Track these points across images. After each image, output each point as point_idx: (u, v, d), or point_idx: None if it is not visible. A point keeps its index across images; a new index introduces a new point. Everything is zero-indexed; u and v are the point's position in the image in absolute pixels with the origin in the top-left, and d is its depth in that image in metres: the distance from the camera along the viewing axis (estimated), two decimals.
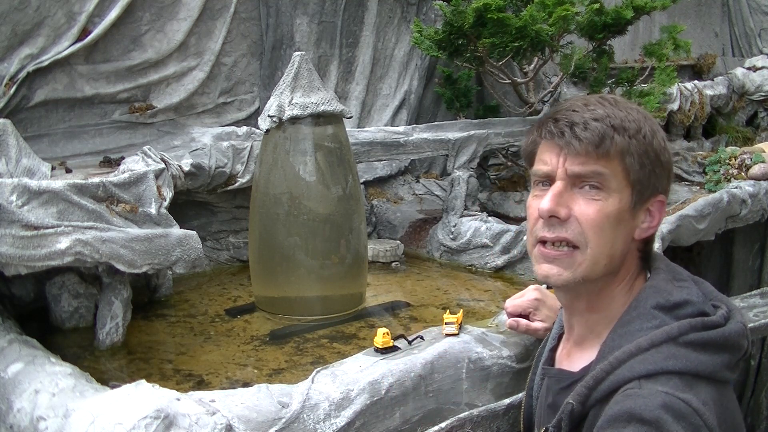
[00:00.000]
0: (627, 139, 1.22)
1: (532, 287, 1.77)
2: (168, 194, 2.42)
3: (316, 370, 1.60)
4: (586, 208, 1.22)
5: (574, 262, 1.24)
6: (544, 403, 1.36)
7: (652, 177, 1.24)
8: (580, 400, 1.15)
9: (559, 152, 1.25)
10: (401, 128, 3.41)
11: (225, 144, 2.94)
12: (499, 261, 3.04)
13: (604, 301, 1.28)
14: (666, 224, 2.95)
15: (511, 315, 1.75)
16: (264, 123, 2.53)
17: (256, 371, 2.09)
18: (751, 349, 1.22)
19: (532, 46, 3.39)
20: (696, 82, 5.04)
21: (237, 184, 2.94)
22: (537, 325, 1.72)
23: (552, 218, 1.24)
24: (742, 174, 3.73)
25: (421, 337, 1.77)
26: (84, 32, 3.12)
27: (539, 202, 1.26)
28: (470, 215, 3.30)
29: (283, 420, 1.43)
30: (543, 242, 1.27)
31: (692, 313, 1.18)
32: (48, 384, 1.59)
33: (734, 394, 1.21)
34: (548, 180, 1.27)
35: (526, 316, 1.74)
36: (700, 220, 3.19)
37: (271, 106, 2.50)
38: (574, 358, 1.33)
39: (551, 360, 1.42)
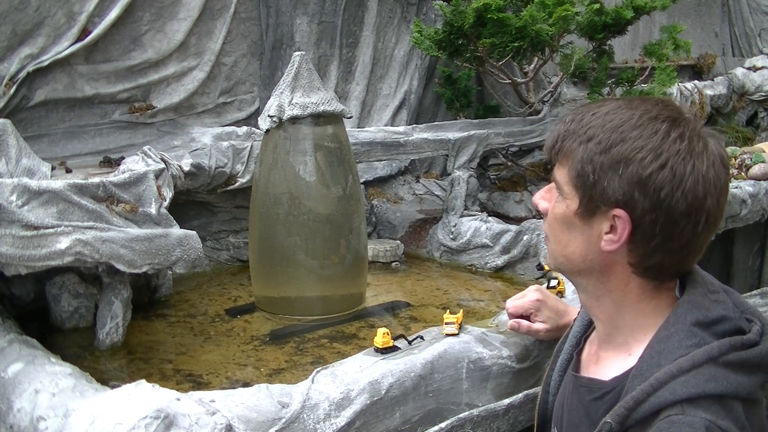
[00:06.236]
0: (577, 144, 1.21)
1: (533, 287, 1.77)
2: (168, 194, 2.42)
3: (316, 370, 1.60)
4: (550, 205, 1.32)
5: (549, 249, 1.34)
6: (566, 403, 1.35)
7: (600, 186, 1.18)
8: (619, 420, 1.13)
9: None
10: (401, 128, 3.41)
11: (225, 144, 2.94)
12: (499, 261, 3.04)
13: (606, 309, 1.27)
14: None
15: (512, 316, 1.75)
16: (264, 123, 2.53)
17: (256, 371, 2.09)
18: None
19: (532, 46, 3.39)
20: (696, 82, 5.05)
21: (237, 184, 2.94)
22: (538, 326, 1.72)
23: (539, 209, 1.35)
24: (742, 174, 3.73)
25: (421, 337, 1.77)
26: (84, 32, 3.12)
27: None
28: (470, 215, 3.30)
29: (283, 420, 1.43)
30: None
31: (729, 329, 1.17)
32: (48, 384, 1.59)
33: (765, 410, 1.20)
34: None
35: (528, 317, 1.74)
36: None
37: (271, 106, 2.50)
38: (602, 365, 1.31)
39: (577, 363, 1.40)
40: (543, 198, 1.33)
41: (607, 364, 1.30)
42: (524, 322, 1.73)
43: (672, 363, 1.13)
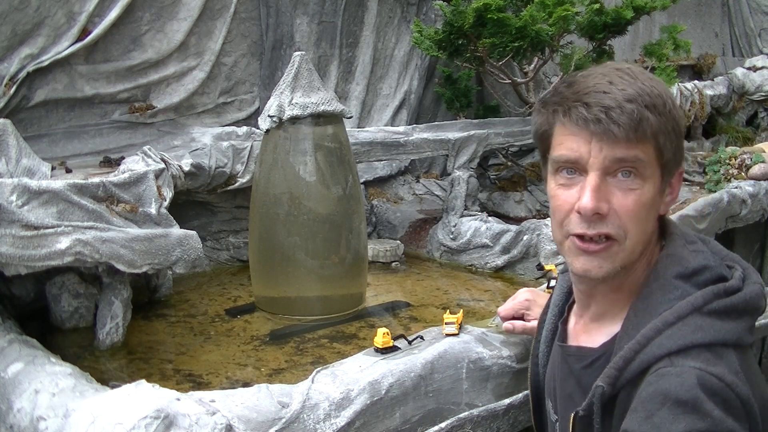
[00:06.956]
0: (658, 117, 1.15)
1: (523, 289, 1.78)
2: (168, 194, 2.42)
3: (316, 370, 1.60)
4: (623, 199, 1.16)
5: (612, 253, 1.18)
6: (557, 375, 1.34)
7: (677, 152, 1.20)
8: (610, 382, 1.12)
9: (589, 139, 1.15)
10: (401, 128, 3.42)
11: (225, 144, 2.94)
12: (499, 261, 3.04)
13: (628, 278, 1.24)
14: None
15: (504, 320, 1.76)
16: (264, 123, 2.53)
17: (256, 371, 2.09)
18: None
19: (532, 46, 3.39)
20: (696, 82, 5.04)
21: (237, 184, 2.94)
22: (533, 324, 1.72)
23: (594, 215, 1.17)
24: (742, 174, 3.73)
25: (421, 337, 1.77)
26: (84, 32, 3.12)
27: (568, 193, 1.19)
28: (470, 215, 3.30)
29: (283, 420, 1.43)
30: (580, 237, 1.19)
31: (711, 278, 1.16)
32: (48, 384, 1.59)
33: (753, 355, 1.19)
34: (575, 168, 1.19)
35: (521, 317, 1.75)
36: (700, 220, 3.19)
37: (271, 106, 2.50)
38: (593, 333, 1.29)
39: (564, 334, 1.37)
40: (601, 199, 1.15)
41: (596, 332, 1.28)
42: (518, 323, 1.74)
43: (657, 318, 1.12)
